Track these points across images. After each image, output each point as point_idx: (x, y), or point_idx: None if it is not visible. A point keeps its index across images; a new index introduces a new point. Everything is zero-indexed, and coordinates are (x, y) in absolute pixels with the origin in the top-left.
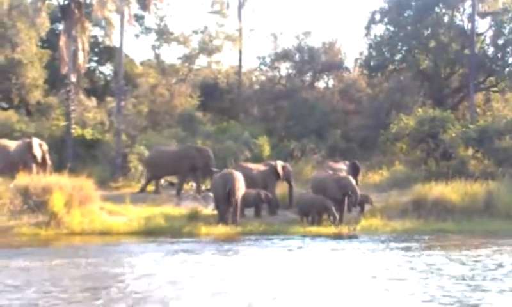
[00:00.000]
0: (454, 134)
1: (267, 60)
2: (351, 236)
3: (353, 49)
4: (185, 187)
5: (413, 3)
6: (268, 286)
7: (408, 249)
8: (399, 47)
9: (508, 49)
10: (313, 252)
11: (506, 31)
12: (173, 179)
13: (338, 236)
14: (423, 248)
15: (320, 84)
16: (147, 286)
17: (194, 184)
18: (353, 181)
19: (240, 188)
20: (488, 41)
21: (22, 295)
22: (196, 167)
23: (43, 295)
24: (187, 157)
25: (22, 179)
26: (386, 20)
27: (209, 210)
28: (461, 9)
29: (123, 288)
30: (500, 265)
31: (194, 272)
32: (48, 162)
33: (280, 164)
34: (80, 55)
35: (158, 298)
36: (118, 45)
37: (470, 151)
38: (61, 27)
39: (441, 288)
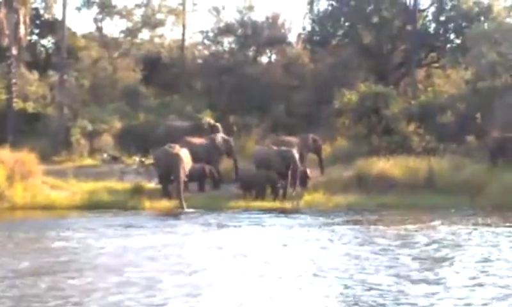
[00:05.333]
0: (396, 110)
1: (210, 34)
2: (294, 211)
3: (296, 24)
4: (128, 161)
5: None
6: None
7: (349, 222)
8: (341, 23)
9: (450, 25)
10: (256, 228)
11: (448, 7)
12: (116, 153)
13: (281, 211)
14: (364, 222)
15: (264, 59)
16: (88, 258)
17: (137, 158)
18: (296, 155)
19: (185, 163)
20: (430, 17)
21: None
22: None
23: None
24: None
25: None
26: None
27: (152, 184)
28: None
29: (64, 260)
30: (438, 239)
31: (135, 244)
32: None
33: (219, 137)
34: (22, 27)
35: (99, 268)
36: (59, 18)
37: (412, 127)
38: None
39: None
